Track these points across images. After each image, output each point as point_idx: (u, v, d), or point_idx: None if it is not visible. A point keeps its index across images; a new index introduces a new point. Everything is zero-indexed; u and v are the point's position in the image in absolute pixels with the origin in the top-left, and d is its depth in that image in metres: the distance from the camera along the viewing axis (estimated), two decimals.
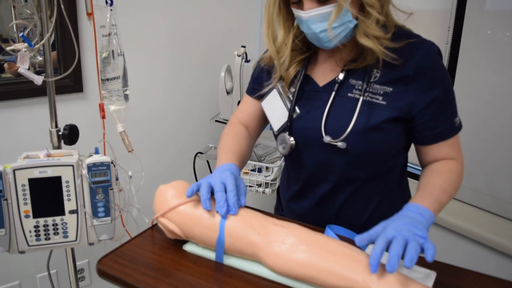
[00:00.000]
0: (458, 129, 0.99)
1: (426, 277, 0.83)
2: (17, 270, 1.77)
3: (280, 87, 1.05)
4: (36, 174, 1.02)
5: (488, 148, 1.59)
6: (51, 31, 1.09)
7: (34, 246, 1.07)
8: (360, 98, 0.94)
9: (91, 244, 1.11)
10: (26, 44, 1.04)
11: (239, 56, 1.74)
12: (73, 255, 1.30)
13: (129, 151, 1.31)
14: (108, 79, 1.28)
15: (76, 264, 1.33)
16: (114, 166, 1.08)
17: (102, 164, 1.06)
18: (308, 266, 0.77)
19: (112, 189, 1.08)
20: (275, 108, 1.06)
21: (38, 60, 1.61)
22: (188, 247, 0.90)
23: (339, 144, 0.95)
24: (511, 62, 1.50)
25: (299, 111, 1.02)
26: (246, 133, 1.15)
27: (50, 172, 1.03)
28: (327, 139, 0.96)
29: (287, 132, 1.03)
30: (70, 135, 1.20)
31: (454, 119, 0.97)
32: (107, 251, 0.90)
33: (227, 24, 2.11)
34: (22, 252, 1.07)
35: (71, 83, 1.69)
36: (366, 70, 0.96)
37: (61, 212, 1.06)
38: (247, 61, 1.74)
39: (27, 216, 1.04)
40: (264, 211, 0.98)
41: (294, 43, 1.00)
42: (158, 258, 0.88)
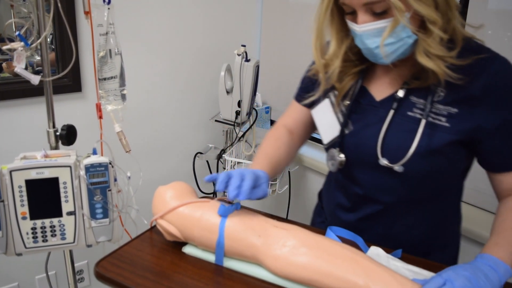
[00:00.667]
0: None
1: None
2: (15, 272, 1.76)
3: (333, 98, 0.99)
4: (33, 175, 1.00)
5: None
6: (47, 29, 1.07)
7: (31, 248, 1.05)
8: (423, 119, 0.86)
9: (89, 246, 1.10)
10: (23, 43, 1.03)
11: (239, 55, 1.72)
12: (71, 256, 1.29)
13: (126, 152, 1.29)
14: (105, 79, 1.26)
15: (74, 265, 1.32)
16: (112, 167, 1.07)
17: (100, 165, 1.04)
18: (310, 269, 0.76)
19: (110, 190, 1.06)
20: (326, 120, 1.00)
21: (36, 60, 1.60)
22: (188, 249, 0.89)
23: (396, 167, 0.88)
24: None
25: (352, 127, 0.95)
26: (288, 138, 1.10)
27: (48, 173, 1.01)
28: (383, 161, 0.89)
29: (338, 148, 0.97)
30: (68, 135, 1.18)
31: None
32: (106, 253, 0.89)
33: (227, 23, 2.09)
34: (19, 254, 1.06)
35: (69, 83, 1.68)
36: (430, 88, 0.87)
37: (58, 214, 1.04)
38: (247, 60, 1.73)
39: (24, 218, 1.02)
40: (264, 212, 0.96)
41: (347, 55, 0.93)
42: (157, 261, 0.87)
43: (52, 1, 1.07)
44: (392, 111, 0.90)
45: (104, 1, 1.18)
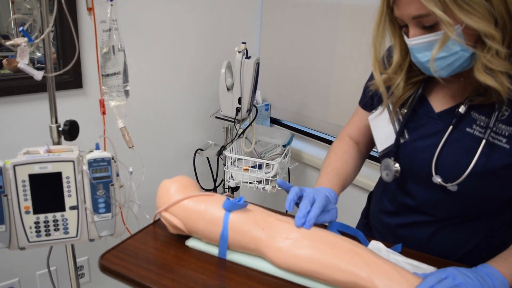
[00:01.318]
0: None
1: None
2: (16, 268, 1.76)
3: (391, 105, 0.96)
4: (37, 169, 1.01)
5: None
6: (51, 25, 1.08)
7: (34, 242, 1.06)
8: (483, 139, 0.82)
9: (91, 240, 1.10)
10: (26, 39, 1.03)
11: (239, 52, 1.73)
12: (73, 251, 1.29)
13: (129, 147, 1.30)
14: (108, 75, 1.27)
15: (76, 260, 1.32)
16: (115, 162, 1.08)
17: (103, 159, 1.05)
18: (312, 261, 0.77)
19: (113, 185, 1.07)
20: (382, 128, 0.97)
21: (37, 57, 1.60)
22: (191, 243, 0.90)
23: (449, 187, 0.85)
24: None
25: (407, 136, 0.92)
26: (355, 150, 1.09)
27: (51, 168, 1.02)
28: (437, 179, 0.86)
29: (392, 158, 0.94)
30: (71, 130, 1.19)
31: None
32: (107, 248, 0.89)
33: (227, 20, 2.10)
34: (23, 248, 1.06)
35: (71, 79, 1.68)
36: (494, 105, 0.82)
37: (61, 208, 1.05)
38: (247, 57, 1.73)
39: (27, 212, 1.03)
40: (265, 207, 0.97)
41: (410, 67, 0.90)
42: (161, 254, 0.88)
43: None
44: (450, 127, 0.86)
45: None
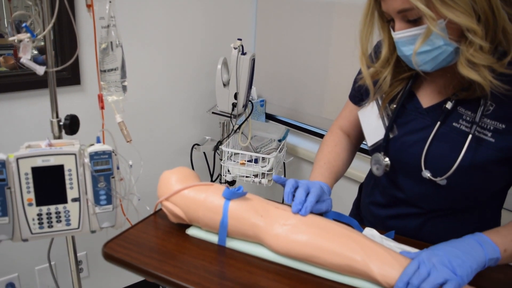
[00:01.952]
0: None
1: None
2: (15, 263, 1.78)
3: (380, 100, 0.97)
4: (39, 162, 1.03)
5: None
6: (53, 21, 1.10)
7: (37, 234, 1.08)
8: (470, 134, 0.83)
9: (93, 232, 1.13)
10: (29, 34, 1.05)
11: (235, 48, 1.75)
12: (73, 243, 1.31)
13: (127, 141, 1.32)
14: (106, 71, 1.29)
15: (76, 253, 1.34)
16: (116, 155, 1.10)
17: (104, 152, 1.07)
18: (309, 246, 0.80)
19: (113, 177, 1.09)
20: (371, 122, 0.99)
21: (33, 54, 1.61)
22: (191, 231, 0.92)
23: (439, 181, 0.87)
24: None
25: (397, 132, 0.94)
26: (346, 143, 1.11)
27: (53, 161, 1.04)
28: (426, 174, 0.88)
29: (382, 152, 0.96)
30: (71, 125, 1.21)
31: None
32: (107, 241, 0.92)
33: (223, 17, 2.12)
34: (25, 240, 1.08)
35: (69, 76, 1.69)
36: (481, 101, 0.83)
37: (63, 200, 1.07)
38: (243, 53, 1.76)
39: (30, 204, 1.05)
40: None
41: (398, 61, 0.91)
42: (162, 242, 0.90)
43: None
44: (438, 123, 0.88)
45: None
